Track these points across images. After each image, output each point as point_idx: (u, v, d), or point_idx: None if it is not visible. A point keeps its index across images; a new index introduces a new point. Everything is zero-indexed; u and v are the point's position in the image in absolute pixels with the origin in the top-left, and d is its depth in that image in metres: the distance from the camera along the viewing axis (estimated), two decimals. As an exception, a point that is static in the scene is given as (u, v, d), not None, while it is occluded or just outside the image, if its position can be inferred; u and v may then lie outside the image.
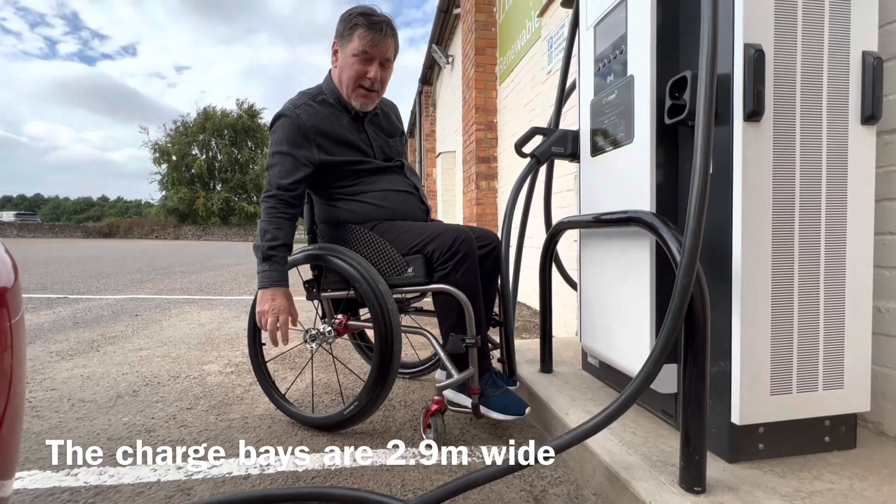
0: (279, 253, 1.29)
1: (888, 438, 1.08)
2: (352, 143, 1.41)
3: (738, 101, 0.91)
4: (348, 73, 1.35)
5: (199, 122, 31.79)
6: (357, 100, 1.39)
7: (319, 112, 1.37)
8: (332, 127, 1.38)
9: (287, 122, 1.33)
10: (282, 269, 1.29)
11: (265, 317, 1.25)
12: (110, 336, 2.58)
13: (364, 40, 1.31)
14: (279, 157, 1.32)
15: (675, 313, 0.79)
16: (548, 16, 3.11)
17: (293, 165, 1.32)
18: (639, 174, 1.11)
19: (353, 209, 1.41)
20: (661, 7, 1.07)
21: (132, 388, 1.72)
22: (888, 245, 1.08)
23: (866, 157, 0.96)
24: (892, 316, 1.07)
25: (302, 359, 2.10)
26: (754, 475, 0.92)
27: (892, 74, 1.06)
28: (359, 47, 1.32)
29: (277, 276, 1.27)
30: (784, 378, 0.95)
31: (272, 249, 1.27)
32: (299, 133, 1.32)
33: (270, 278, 1.27)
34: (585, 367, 1.60)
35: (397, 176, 1.49)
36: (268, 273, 1.27)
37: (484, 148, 4.41)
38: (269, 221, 1.29)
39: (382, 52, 1.35)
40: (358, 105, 1.39)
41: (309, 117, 1.34)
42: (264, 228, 1.29)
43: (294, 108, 1.35)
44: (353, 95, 1.38)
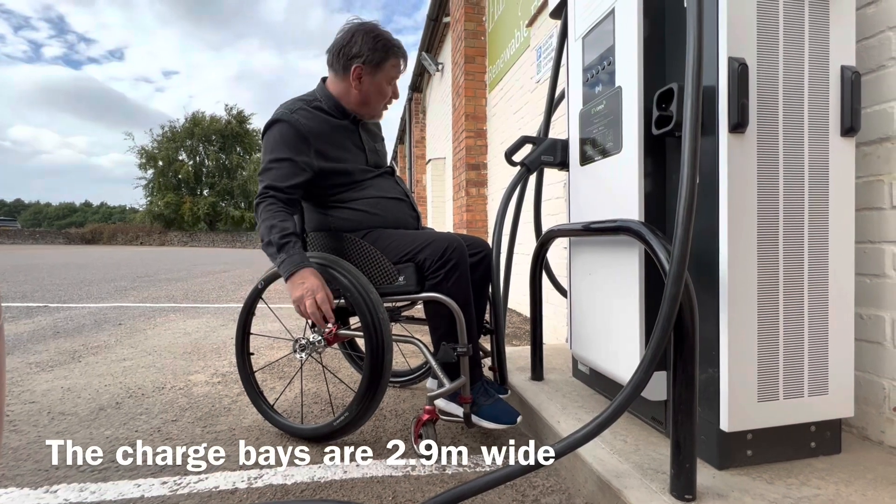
0: (293, 239, 1.25)
1: (872, 443, 1.10)
2: (348, 148, 1.42)
3: (723, 113, 0.93)
4: (379, 98, 1.43)
5: (187, 128, 31.48)
6: (378, 116, 1.48)
7: (317, 117, 1.37)
8: (331, 132, 1.38)
9: (286, 127, 1.31)
10: (301, 253, 1.25)
11: (303, 302, 1.19)
12: (92, 346, 2.51)
13: (397, 69, 1.42)
14: (276, 162, 1.30)
15: (664, 321, 0.80)
16: (536, 26, 3.16)
17: (291, 170, 1.29)
18: (627, 183, 1.13)
19: (345, 217, 1.39)
20: (647, 20, 1.10)
21: (115, 400, 1.68)
22: (868, 253, 1.11)
23: (846, 167, 0.99)
24: (874, 322, 1.10)
25: (291, 369, 2.08)
26: (743, 482, 0.92)
27: (870, 88, 1.09)
28: (392, 75, 1.42)
29: (299, 259, 1.23)
30: (771, 385, 0.96)
31: (285, 238, 1.23)
32: (298, 138, 1.31)
33: (294, 263, 1.22)
34: (576, 375, 1.61)
35: (388, 182, 1.49)
36: (289, 260, 1.22)
37: (474, 155, 4.43)
38: (273, 216, 1.25)
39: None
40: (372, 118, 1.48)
41: (308, 122, 1.33)
42: (270, 224, 1.24)
43: (291, 112, 1.33)
44: (377, 113, 1.47)
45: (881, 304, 1.08)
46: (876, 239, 1.09)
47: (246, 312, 1.48)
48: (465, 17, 4.48)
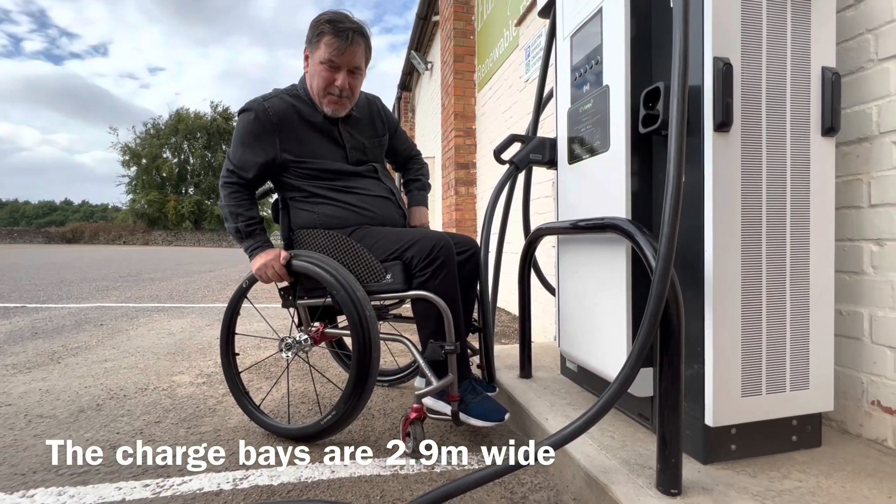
0: (258, 227, 1.41)
1: (850, 436, 1.12)
2: (320, 143, 1.40)
3: (708, 112, 0.94)
4: (317, 81, 1.35)
5: (171, 125, 30.91)
6: (328, 106, 1.38)
7: (290, 105, 1.37)
8: (301, 121, 1.38)
9: (251, 116, 1.34)
10: (265, 237, 1.41)
11: (265, 270, 1.35)
12: (72, 347, 2.45)
13: (331, 48, 1.30)
14: (239, 147, 1.36)
15: (650, 318, 0.80)
16: (525, 25, 3.17)
17: (251, 155, 1.36)
18: (615, 182, 1.14)
19: (330, 213, 1.39)
20: (634, 20, 1.10)
21: (96, 402, 1.64)
22: (847, 251, 1.13)
23: (827, 167, 1.01)
24: (852, 318, 1.12)
25: (277, 368, 2.05)
26: (727, 475, 0.94)
27: (849, 89, 1.12)
28: (325, 55, 1.31)
29: (263, 242, 1.39)
30: (754, 380, 0.98)
31: (250, 226, 1.39)
32: (261, 126, 1.34)
33: (258, 247, 1.38)
34: (564, 372, 1.62)
35: (373, 181, 1.47)
36: (254, 244, 1.38)
37: (463, 154, 4.43)
38: (238, 205, 1.38)
39: (350, 61, 1.33)
40: (329, 111, 1.38)
41: (276, 111, 1.34)
42: (235, 212, 1.38)
43: (263, 101, 1.36)
44: (324, 102, 1.38)
45: (859, 301, 1.11)
46: (855, 237, 1.12)
47: (231, 312, 1.46)
48: (454, 16, 4.48)
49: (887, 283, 1.05)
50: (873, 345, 1.08)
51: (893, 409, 1.04)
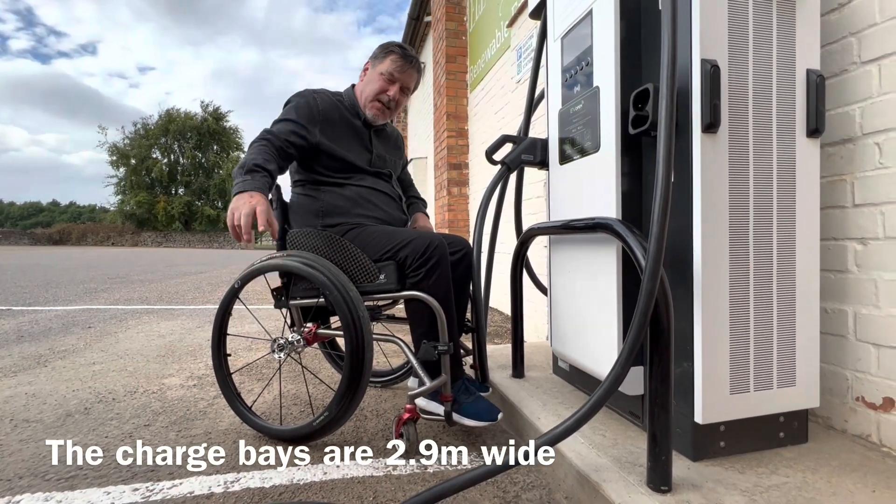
0: (263, 172, 1.24)
1: (836, 432, 1.14)
2: (353, 142, 1.50)
3: (696, 114, 0.95)
4: (372, 87, 1.50)
5: (161, 125, 30.55)
6: (371, 110, 1.51)
7: (335, 102, 1.50)
8: (341, 118, 1.49)
9: (301, 100, 1.45)
10: (264, 182, 1.22)
11: (238, 211, 1.13)
12: (60, 350, 2.41)
13: (395, 64, 1.49)
14: (283, 121, 1.42)
15: (640, 317, 0.81)
16: (517, 26, 3.18)
17: (293, 129, 1.40)
18: (605, 182, 1.15)
19: (334, 202, 1.44)
20: (624, 22, 1.12)
21: (84, 406, 1.62)
22: (832, 250, 1.15)
23: (812, 167, 1.03)
24: (837, 316, 1.14)
25: (269, 370, 2.04)
26: (716, 472, 0.95)
27: (833, 91, 1.14)
28: (388, 68, 1.49)
29: (260, 184, 1.20)
30: (742, 377, 0.99)
31: (257, 167, 1.24)
32: (309, 111, 1.43)
33: (251, 185, 1.19)
34: (556, 372, 1.63)
35: (385, 183, 1.57)
36: (249, 181, 1.19)
37: (455, 154, 4.44)
38: (259, 153, 1.27)
39: (406, 79, 1.51)
40: (370, 115, 1.51)
41: (323, 103, 1.46)
42: (252, 157, 1.26)
43: (312, 92, 1.48)
44: (370, 106, 1.50)
45: (844, 299, 1.13)
46: (839, 236, 1.14)
47: (222, 313, 1.45)
48: (446, 17, 4.48)
49: (871, 282, 1.07)
50: (858, 342, 1.10)
51: (877, 405, 1.07)
